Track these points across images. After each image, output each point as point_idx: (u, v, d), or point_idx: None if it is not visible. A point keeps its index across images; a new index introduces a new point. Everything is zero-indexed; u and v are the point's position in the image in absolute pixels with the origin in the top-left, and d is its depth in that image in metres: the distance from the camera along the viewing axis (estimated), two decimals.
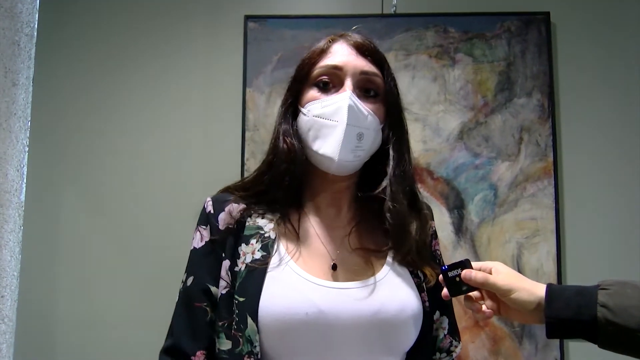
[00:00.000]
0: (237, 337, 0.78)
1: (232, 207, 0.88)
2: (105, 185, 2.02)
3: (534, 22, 1.99)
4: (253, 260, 0.82)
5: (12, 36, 1.69)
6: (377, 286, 0.82)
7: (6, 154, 1.66)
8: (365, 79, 0.86)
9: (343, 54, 0.87)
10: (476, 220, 1.93)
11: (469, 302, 0.81)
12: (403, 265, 0.87)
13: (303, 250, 0.85)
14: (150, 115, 2.04)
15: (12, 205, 1.69)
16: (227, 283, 0.83)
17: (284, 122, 0.90)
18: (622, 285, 0.72)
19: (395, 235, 0.87)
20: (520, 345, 1.87)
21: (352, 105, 0.82)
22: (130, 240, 1.98)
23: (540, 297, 0.75)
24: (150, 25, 2.08)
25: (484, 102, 1.98)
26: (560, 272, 1.89)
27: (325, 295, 0.79)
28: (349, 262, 0.85)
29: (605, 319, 0.70)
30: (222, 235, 0.86)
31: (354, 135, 0.82)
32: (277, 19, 2.02)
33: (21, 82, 1.73)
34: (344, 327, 0.78)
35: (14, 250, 1.70)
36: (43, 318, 1.96)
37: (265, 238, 0.85)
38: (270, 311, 0.77)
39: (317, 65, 0.87)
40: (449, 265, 0.81)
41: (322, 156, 0.84)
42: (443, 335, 0.93)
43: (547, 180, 1.93)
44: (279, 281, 0.80)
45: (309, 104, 0.86)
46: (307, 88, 0.88)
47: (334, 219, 0.89)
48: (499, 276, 0.78)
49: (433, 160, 1.95)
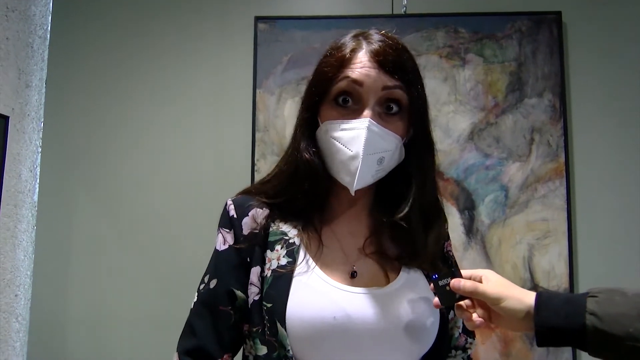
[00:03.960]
0: (272, 342, 0.80)
1: (256, 212, 0.88)
2: (117, 185, 2.03)
3: (545, 22, 1.98)
4: (279, 266, 0.83)
5: (26, 38, 1.71)
6: (396, 292, 0.84)
7: (20, 155, 1.68)
8: (386, 95, 0.83)
9: (364, 66, 0.82)
10: (487, 221, 1.92)
11: (460, 310, 0.81)
12: (419, 269, 0.89)
13: (325, 256, 0.86)
14: (161, 116, 2.06)
15: (26, 206, 1.71)
16: (259, 289, 0.83)
17: (303, 139, 0.87)
18: (610, 292, 0.72)
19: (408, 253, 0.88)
20: (532, 347, 1.86)
21: (370, 135, 0.80)
22: (141, 240, 2.00)
23: (529, 306, 0.75)
24: (161, 27, 2.09)
25: (494, 102, 1.97)
26: (572, 274, 1.87)
27: (351, 299, 0.81)
28: (368, 269, 0.87)
29: (594, 326, 0.70)
30: (247, 240, 0.86)
31: (374, 161, 0.82)
32: (287, 20, 2.02)
33: (34, 83, 1.75)
34: (370, 330, 0.80)
35: (27, 250, 1.72)
36: (56, 317, 1.98)
37: (290, 244, 0.85)
38: (299, 316, 0.78)
39: (337, 79, 0.83)
40: (439, 274, 0.81)
41: (340, 179, 0.85)
42: (458, 333, 0.95)
43: (558, 181, 1.91)
44: (306, 286, 0.81)
45: (327, 123, 0.84)
46: (327, 103, 0.85)
47: (353, 226, 0.90)
48: (489, 284, 0.78)
49: (443, 161, 1.94)
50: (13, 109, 1.65)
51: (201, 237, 1.94)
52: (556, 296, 0.76)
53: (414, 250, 0.87)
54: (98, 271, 1.99)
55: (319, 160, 0.86)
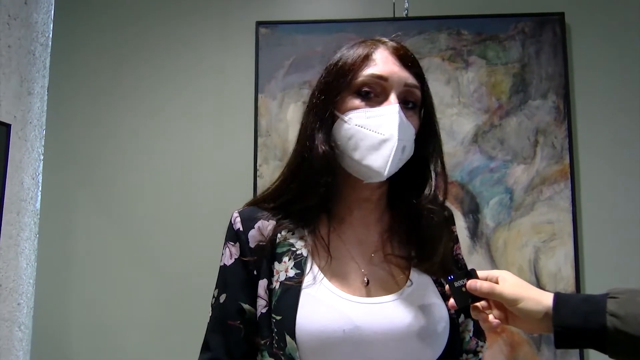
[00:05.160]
0: (279, 355, 0.79)
1: (262, 224, 0.87)
2: (119, 193, 2.03)
3: (548, 23, 1.96)
4: (287, 278, 0.83)
5: (28, 46, 1.71)
6: (407, 299, 0.84)
7: (22, 162, 1.67)
8: (407, 91, 0.85)
9: (387, 63, 0.84)
10: (492, 224, 1.90)
11: (476, 312, 0.81)
12: (427, 274, 0.88)
13: (334, 266, 0.85)
14: (163, 122, 2.05)
15: (28, 213, 1.70)
16: (266, 301, 0.83)
17: (321, 129, 0.86)
18: (632, 293, 0.71)
19: (426, 250, 0.88)
20: (539, 352, 1.84)
21: (401, 120, 0.82)
22: (144, 247, 1.99)
23: (547, 306, 0.74)
24: (162, 33, 2.09)
25: (498, 104, 1.95)
26: (578, 276, 1.85)
27: (360, 311, 0.81)
28: (379, 276, 0.86)
29: (615, 327, 0.69)
30: (254, 253, 0.85)
31: (401, 148, 0.82)
32: (289, 25, 2.02)
33: (36, 91, 1.75)
34: (379, 341, 0.79)
35: (29, 258, 1.72)
36: (58, 325, 1.97)
37: (298, 255, 0.85)
38: (308, 329, 0.78)
39: (360, 73, 0.84)
40: (455, 275, 0.80)
41: (366, 167, 0.83)
42: (469, 337, 0.94)
43: (563, 183, 1.90)
44: (315, 299, 0.81)
45: (351, 112, 0.84)
46: (348, 95, 0.85)
47: (363, 231, 0.90)
48: (505, 285, 0.77)
49: (447, 164, 1.92)
50: (15, 117, 1.65)
51: (204, 243, 1.92)
52: (574, 297, 0.75)
53: (431, 246, 0.87)
54: (101, 279, 1.98)
55: (336, 152, 0.85)
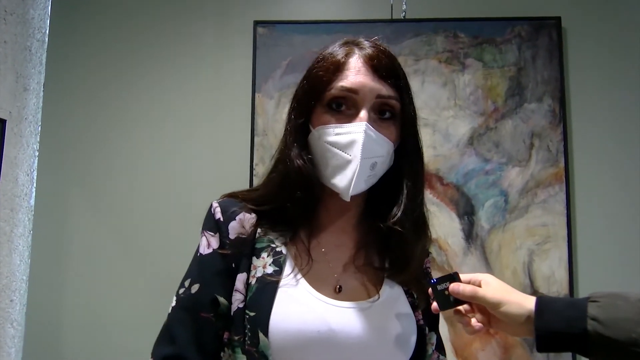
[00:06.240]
0: (252, 352, 0.77)
1: (244, 216, 0.85)
2: (114, 190, 2.02)
3: (544, 27, 1.97)
4: (264, 274, 0.81)
5: (24, 42, 1.70)
6: (377, 308, 0.83)
7: (17, 159, 1.66)
8: (380, 102, 0.82)
9: (359, 73, 0.82)
10: (487, 226, 1.91)
11: (459, 315, 0.80)
12: (399, 285, 0.88)
13: (312, 269, 0.84)
14: (160, 120, 2.05)
15: (22, 210, 1.69)
16: (243, 296, 0.81)
17: (295, 145, 0.84)
18: (612, 297, 0.71)
19: (399, 261, 0.86)
20: (532, 354, 1.84)
21: (367, 139, 0.79)
22: (138, 245, 1.99)
23: (530, 310, 0.74)
24: (159, 30, 2.09)
25: (494, 107, 1.96)
26: (572, 279, 1.86)
27: (335, 314, 0.80)
28: (352, 284, 0.85)
29: (596, 332, 0.69)
30: (234, 246, 0.83)
31: (368, 166, 0.80)
32: (287, 25, 2.02)
33: (32, 87, 1.74)
34: (352, 345, 0.79)
35: (23, 255, 1.71)
36: (52, 322, 1.96)
37: (277, 252, 0.83)
38: (282, 327, 0.76)
39: (331, 85, 0.82)
40: (438, 279, 0.79)
41: (334, 186, 0.82)
42: (432, 350, 0.93)
43: (558, 186, 1.91)
44: (292, 298, 0.79)
45: (321, 128, 0.82)
46: (320, 108, 0.83)
47: (340, 239, 0.89)
48: (489, 289, 0.77)
49: (443, 166, 1.93)
50: (10, 113, 1.64)
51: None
52: (557, 300, 0.75)
53: (402, 261, 0.86)
54: (95, 276, 1.98)
55: (311, 167, 0.83)
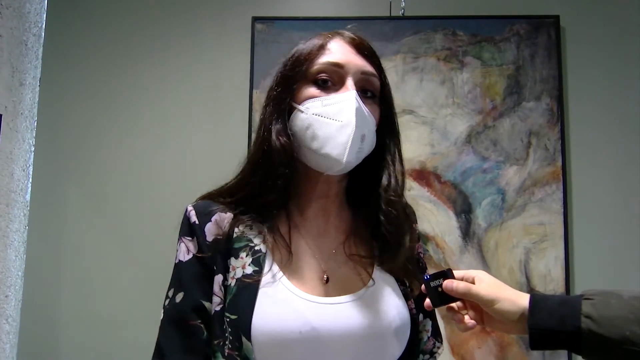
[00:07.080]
0: (234, 356, 0.75)
1: (219, 216, 0.83)
2: (110, 186, 2.01)
3: (543, 25, 1.97)
4: (244, 275, 0.78)
5: (20, 36, 1.68)
6: (367, 299, 0.81)
7: (12, 154, 1.65)
8: (364, 79, 0.83)
9: (343, 52, 0.83)
10: (484, 224, 1.91)
11: (452, 312, 0.80)
12: (389, 274, 0.86)
13: (294, 263, 0.81)
14: (157, 116, 2.04)
15: (18, 205, 1.68)
16: (221, 299, 0.78)
17: (278, 121, 0.83)
18: (606, 295, 0.71)
19: (389, 247, 0.84)
20: (528, 352, 1.85)
21: (358, 106, 0.79)
22: (134, 241, 1.98)
23: (523, 308, 0.74)
24: (157, 26, 2.08)
25: (492, 105, 1.96)
26: (568, 278, 1.86)
27: (318, 312, 0.77)
28: (340, 274, 0.83)
29: (589, 329, 0.68)
30: (211, 248, 0.80)
31: (359, 136, 0.79)
32: (285, 21, 2.01)
33: (28, 81, 1.73)
34: (337, 343, 0.77)
35: (18, 250, 1.70)
36: (47, 318, 1.95)
37: (256, 252, 0.81)
38: (264, 330, 0.74)
39: (315, 62, 0.82)
40: (431, 275, 0.79)
41: (324, 156, 0.79)
42: (427, 337, 0.92)
43: (555, 185, 1.91)
44: (273, 298, 0.77)
45: (307, 102, 0.81)
46: (305, 85, 0.82)
47: (323, 227, 0.86)
48: (482, 286, 0.77)
49: (440, 164, 1.93)
50: (6, 107, 1.63)
51: None
52: (550, 298, 0.75)
53: (394, 247, 0.84)
54: (90, 272, 1.97)
55: (293, 143, 0.82)
